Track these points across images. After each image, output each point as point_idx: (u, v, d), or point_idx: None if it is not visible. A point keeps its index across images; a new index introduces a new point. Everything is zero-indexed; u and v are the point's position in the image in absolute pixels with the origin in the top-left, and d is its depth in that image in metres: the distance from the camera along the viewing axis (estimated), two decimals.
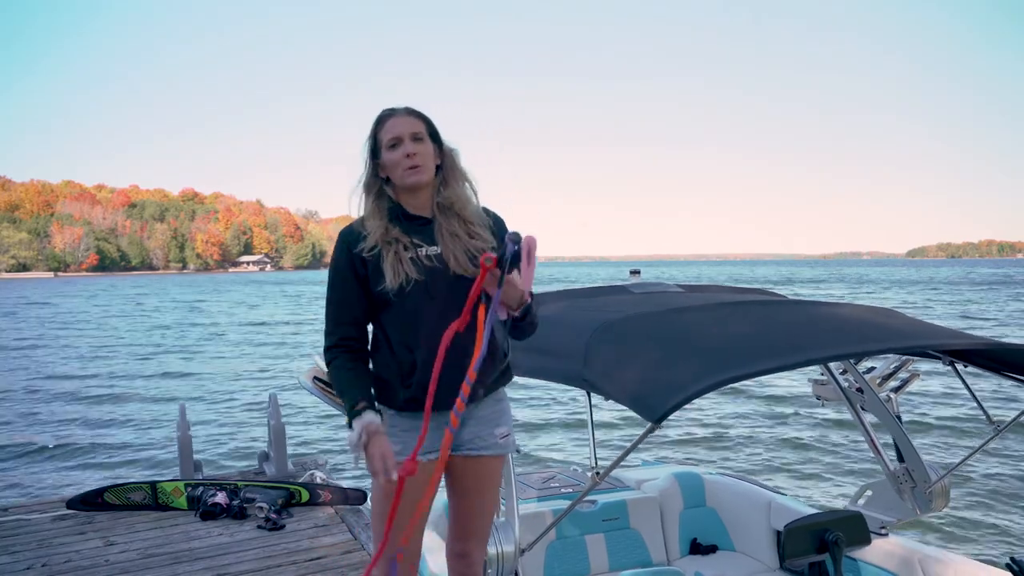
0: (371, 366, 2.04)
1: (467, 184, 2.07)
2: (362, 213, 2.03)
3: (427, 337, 1.90)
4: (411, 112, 2.02)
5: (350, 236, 2.01)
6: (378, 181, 2.01)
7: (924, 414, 10.60)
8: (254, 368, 18.29)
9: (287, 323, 31.81)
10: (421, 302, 1.93)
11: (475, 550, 2.14)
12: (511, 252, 1.74)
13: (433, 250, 1.97)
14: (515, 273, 1.80)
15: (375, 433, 1.84)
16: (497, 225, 2.09)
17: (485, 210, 2.09)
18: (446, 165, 2.04)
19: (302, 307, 42.39)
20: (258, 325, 31.04)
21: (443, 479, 2.10)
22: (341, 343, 1.99)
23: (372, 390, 1.99)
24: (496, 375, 2.04)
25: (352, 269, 1.98)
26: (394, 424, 2.02)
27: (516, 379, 2.23)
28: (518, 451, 2.33)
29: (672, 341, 2.23)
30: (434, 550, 2.80)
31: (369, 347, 2.05)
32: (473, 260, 1.94)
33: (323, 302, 2.05)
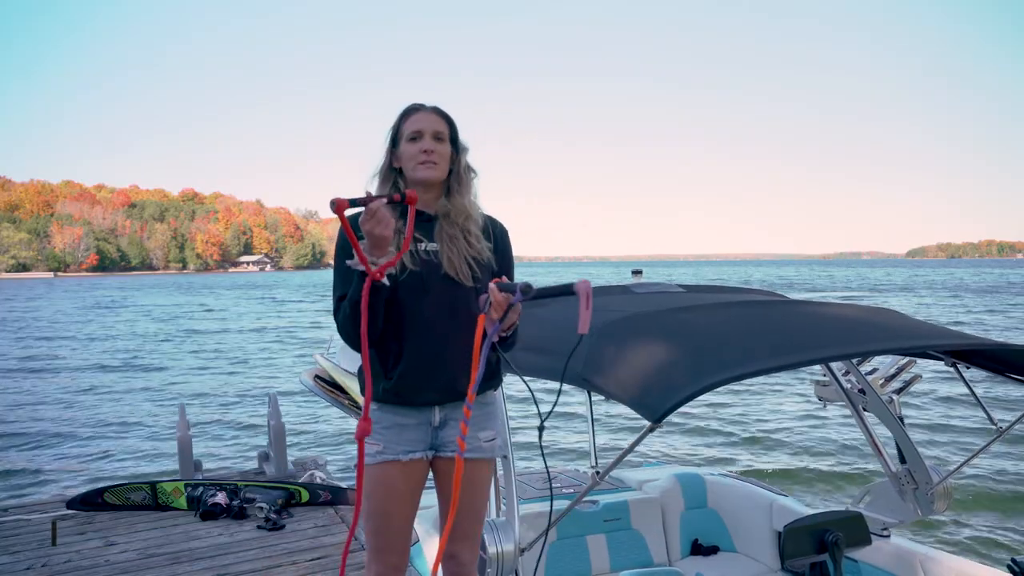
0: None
1: (472, 186, 2.09)
2: None
3: (414, 329, 1.96)
4: (438, 112, 2.07)
5: (358, 218, 2.05)
6: (393, 172, 2.06)
7: (927, 414, 10.59)
8: (254, 368, 18.28)
9: (288, 326, 31.79)
10: (413, 294, 1.96)
11: (464, 551, 2.13)
12: (517, 299, 1.72)
13: (432, 246, 2.01)
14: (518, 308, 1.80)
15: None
16: (497, 231, 2.12)
17: (490, 219, 2.13)
18: (458, 171, 2.08)
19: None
20: (258, 330, 31.03)
21: (431, 480, 2.12)
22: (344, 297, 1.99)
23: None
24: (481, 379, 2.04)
25: (346, 249, 2.01)
26: (376, 420, 2.04)
27: (516, 380, 2.22)
28: (505, 457, 2.31)
29: (673, 341, 2.22)
30: (433, 550, 2.79)
31: None
32: (471, 267, 1.99)
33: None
